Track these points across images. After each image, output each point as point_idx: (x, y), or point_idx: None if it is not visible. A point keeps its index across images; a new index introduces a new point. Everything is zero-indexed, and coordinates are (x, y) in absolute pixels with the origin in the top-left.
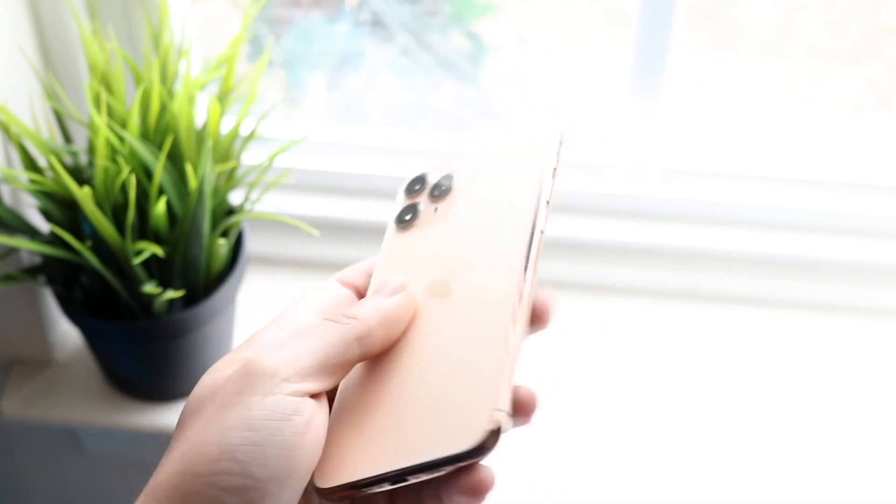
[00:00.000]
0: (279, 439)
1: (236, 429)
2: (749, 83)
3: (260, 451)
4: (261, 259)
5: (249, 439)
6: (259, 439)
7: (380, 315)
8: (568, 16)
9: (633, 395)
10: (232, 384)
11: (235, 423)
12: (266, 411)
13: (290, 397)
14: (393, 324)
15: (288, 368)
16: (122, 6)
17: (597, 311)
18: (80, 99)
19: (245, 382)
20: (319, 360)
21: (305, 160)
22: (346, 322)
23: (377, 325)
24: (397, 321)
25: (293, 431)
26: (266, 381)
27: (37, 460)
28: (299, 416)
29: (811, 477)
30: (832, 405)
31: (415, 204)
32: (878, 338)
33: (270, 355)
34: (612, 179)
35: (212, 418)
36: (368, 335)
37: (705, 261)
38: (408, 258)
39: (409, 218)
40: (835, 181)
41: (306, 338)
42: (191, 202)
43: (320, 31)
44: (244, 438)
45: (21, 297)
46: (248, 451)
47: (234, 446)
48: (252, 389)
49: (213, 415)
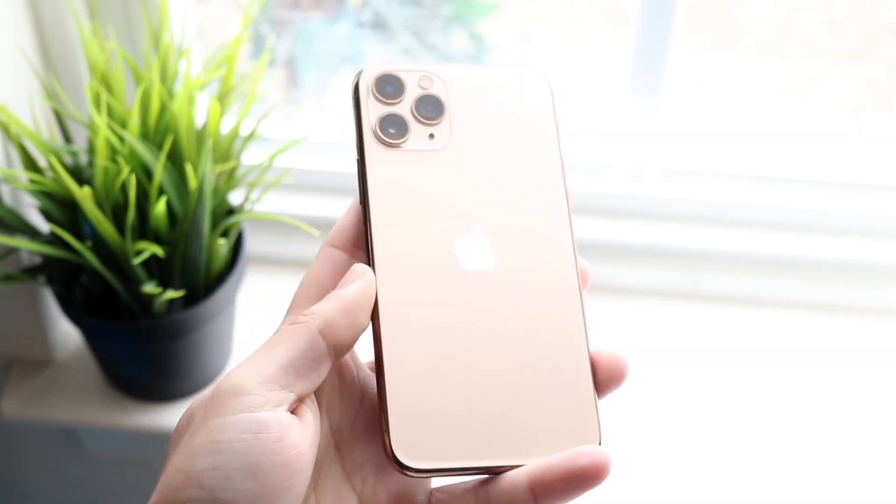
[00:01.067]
0: (245, 461)
1: (200, 454)
2: (749, 83)
3: (224, 475)
4: (261, 259)
5: (213, 464)
6: (223, 462)
7: (339, 305)
8: (568, 16)
9: (632, 395)
10: (201, 409)
11: (200, 449)
12: (228, 433)
13: (256, 414)
14: (354, 311)
15: (249, 381)
16: (122, 6)
17: (597, 312)
18: (80, 99)
19: (212, 405)
20: (283, 364)
21: (305, 160)
22: (304, 320)
23: (338, 314)
24: (358, 308)
25: (260, 451)
26: (230, 401)
27: (37, 460)
28: (267, 434)
29: (812, 477)
30: (832, 405)
31: (397, 115)
32: (878, 338)
33: (233, 372)
34: (612, 179)
35: (183, 445)
36: (330, 326)
37: (705, 261)
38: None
39: (394, 132)
40: (835, 181)
41: (267, 347)
42: (191, 202)
43: (321, 32)
44: (208, 463)
45: (21, 297)
46: (213, 476)
47: (198, 472)
48: (217, 411)
49: (185, 441)
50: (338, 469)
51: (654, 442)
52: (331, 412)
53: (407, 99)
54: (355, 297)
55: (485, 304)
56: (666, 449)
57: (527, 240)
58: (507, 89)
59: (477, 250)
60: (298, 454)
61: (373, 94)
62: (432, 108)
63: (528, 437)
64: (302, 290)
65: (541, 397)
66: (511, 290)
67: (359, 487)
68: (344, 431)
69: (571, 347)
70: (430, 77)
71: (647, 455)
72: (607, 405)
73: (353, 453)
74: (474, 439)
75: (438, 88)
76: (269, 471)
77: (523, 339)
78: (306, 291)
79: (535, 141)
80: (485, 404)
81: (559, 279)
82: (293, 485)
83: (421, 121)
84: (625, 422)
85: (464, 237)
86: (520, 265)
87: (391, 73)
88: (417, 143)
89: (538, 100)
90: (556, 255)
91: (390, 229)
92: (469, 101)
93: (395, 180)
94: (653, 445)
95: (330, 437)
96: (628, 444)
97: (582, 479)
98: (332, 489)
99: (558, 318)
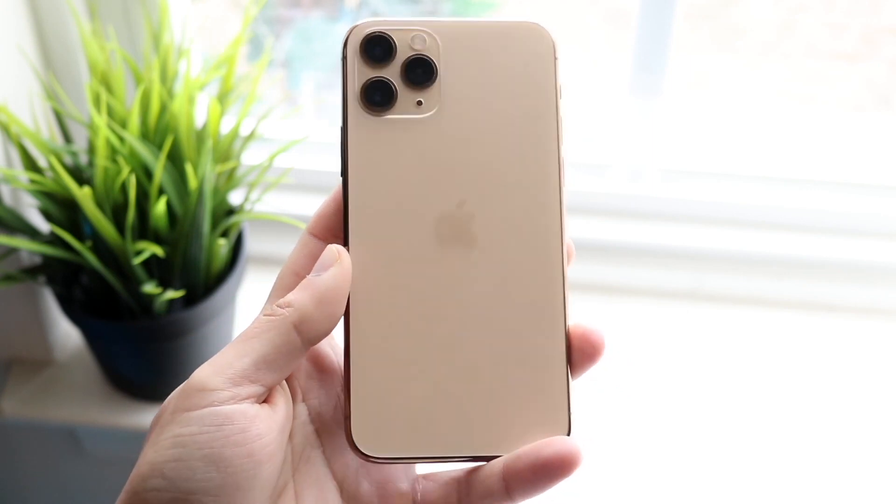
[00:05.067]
0: (207, 452)
1: (164, 447)
2: (749, 83)
3: (186, 466)
4: (261, 259)
5: (176, 455)
6: (185, 455)
7: (314, 295)
8: (568, 16)
9: (632, 395)
10: (171, 402)
11: (165, 442)
12: (192, 426)
13: (220, 408)
14: (330, 302)
15: (217, 378)
16: (122, 6)
17: (597, 312)
18: (80, 99)
19: (179, 399)
20: (255, 360)
21: (305, 160)
22: (280, 313)
23: (313, 307)
24: (334, 297)
25: (223, 443)
26: (195, 395)
27: (37, 460)
28: (231, 425)
29: (812, 477)
30: (832, 405)
31: (384, 79)
32: (879, 338)
33: (204, 367)
34: (612, 179)
35: (153, 438)
36: (305, 321)
37: (705, 261)
38: (395, 168)
39: (379, 98)
40: (835, 181)
41: (241, 340)
42: (191, 202)
43: (320, 31)
44: (171, 455)
45: (21, 297)
46: (175, 468)
47: (161, 463)
48: (183, 405)
49: (154, 434)
50: (318, 455)
51: (654, 442)
52: (309, 398)
53: (396, 62)
54: (331, 285)
55: (461, 289)
56: (666, 449)
57: (511, 219)
58: (505, 48)
59: (457, 230)
60: (263, 444)
61: (360, 57)
62: (422, 72)
63: (499, 427)
64: (279, 280)
65: (513, 386)
66: (490, 272)
67: (340, 473)
68: (324, 417)
69: (548, 331)
70: (423, 36)
71: (648, 455)
72: (608, 405)
73: (334, 439)
74: (439, 429)
75: (431, 49)
76: (231, 461)
77: (498, 325)
78: (283, 281)
79: (530, 107)
80: (454, 394)
81: (541, 261)
82: (257, 474)
83: (409, 86)
84: (625, 422)
85: (444, 216)
86: (501, 246)
87: (381, 34)
88: (403, 110)
89: (539, 60)
90: (540, 235)
91: (367, 207)
92: (463, 63)
93: (377, 153)
94: (653, 445)
95: (309, 424)
96: (628, 444)
97: (548, 470)
98: (313, 475)
99: (537, 302)
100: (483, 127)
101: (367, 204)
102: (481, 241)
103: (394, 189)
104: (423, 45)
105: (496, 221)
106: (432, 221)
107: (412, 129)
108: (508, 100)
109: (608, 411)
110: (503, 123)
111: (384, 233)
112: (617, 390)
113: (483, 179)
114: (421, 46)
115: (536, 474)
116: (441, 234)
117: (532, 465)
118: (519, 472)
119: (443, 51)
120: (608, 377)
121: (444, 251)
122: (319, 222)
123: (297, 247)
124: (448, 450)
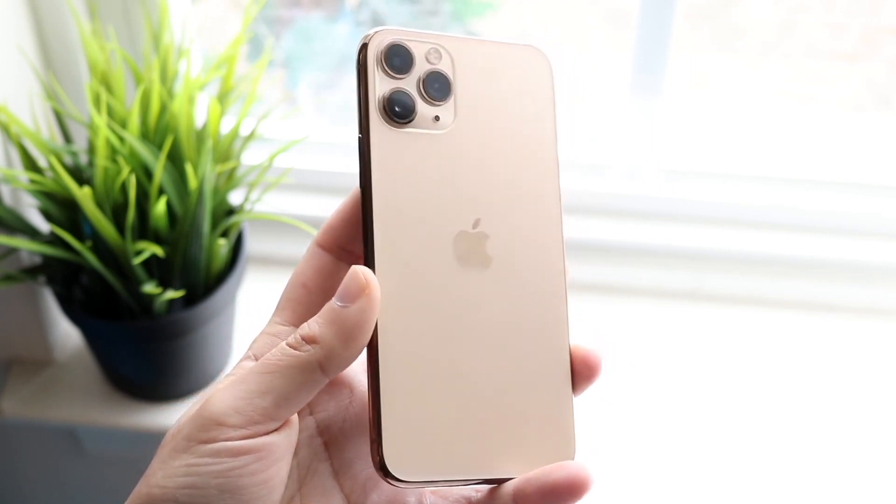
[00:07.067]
0: (222, 482)
1: (177, 474)
2: (749, 83)
3: (200, 494)
4: (261, 259)
5: (189, 483)
6: (199, 482)
7: (341, 332)
8: (568, 16)
9: (633, 395)
10: (185, 427)
11: (178, 469)
12: (207, 458)
13: (238, 443)
14: (357, 337)
15: (237, 416)
16: (122, 6)
17: (597, 312)
18: (80, 99)
19: (194, 425)
20: (276, 399)
21: (305, 160)
22: (306, 350)
23: (341, 347)
24: (360, 333)
25: (239, 473)
26: (213, 428)
27: (37, 460)
28: (247, 456)
29: (812, 477)
30: (833, 405)
31: (405, 92)
32: (879, 338)
33: (222, 396)
34: (611, 179)
35: (165, 459)
36: (330, 359)
37: (705, 261)
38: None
39: (400, 111)
40: (835, 181)
41: (262, 371)
42: (191, 202)
43: (320, 31)
44: (185, 483)
45: (21, 297)
46: (189, 494)
47: (174, 489)
48: (198, 436)
49: (166, 456)
50: (326, 468)
51: (654, 442)
52: (317, 411)
53: (414, 74)
54: (359, 321)
55: (478, 312)
56: (667, 449)
57: (520, 239)
58: (510, 69)
59: (473, 251)
60: (278, 469)
61: (381, 66)
62: (440, 86)
63: (512, 450)
64: (287, 292)
65: (524, 408)
66: (502, 294)
67: (347, 486)
68: (333, 430)
69: (556, 354)
70: (438, 51)
71: (648, 455)
72: (608, 405)
73: (343, 452)
74: (463, 452)
75: (446, 64)
76: (247, 489)
77: (512, 347)
78: (291, 293)
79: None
80: (475, 416)
81: (547, 282)
82: (271, 497)
83: (428, 101)
84: (625, 422)
85: (461, 236)
86: (511, 268)
87: (401, 44)
88: (422, 124)
89: (539, 83)
90: (545, 256)
91: (392, 225)
92: (473, 81)
93: (400, 166)
94: (653, 445)
95: (317, 436)
96: (629, 444)
97: (558, 494)
98: (319, 488)
99: (545, 326)
100: (493, 145)
101: (392, 221)
102: (494, 261)
103: (415, 206)
104: (437, 59)
105: (507, 241)
106: (451, 241)
107: (431, 145)
108: (513, 119)
109: (608, 411)
110: (509, 142)
111: (408, 253)
112: (617, 390)
113: (494, 198)
114: (436, 61)
115: (546, 498)
116: (459, 255)
117: (541, 489)
118: (529, 495)
119: (456, 67)
120: (608, 377)
121: (462, 273)
122: (328, 234)
123: (306, 258)
124: (468, 473)
